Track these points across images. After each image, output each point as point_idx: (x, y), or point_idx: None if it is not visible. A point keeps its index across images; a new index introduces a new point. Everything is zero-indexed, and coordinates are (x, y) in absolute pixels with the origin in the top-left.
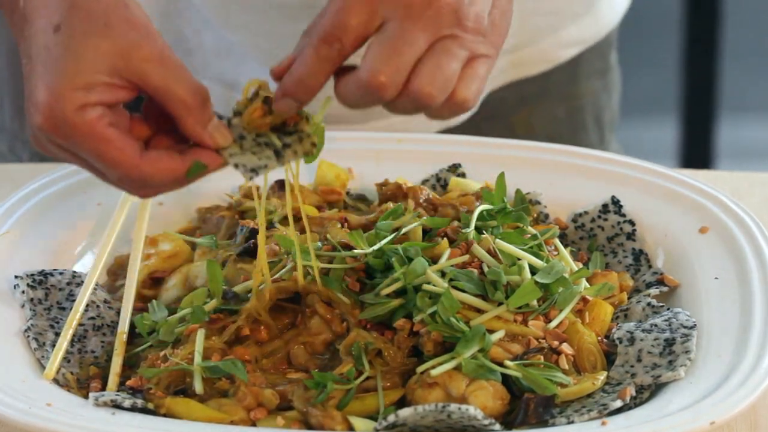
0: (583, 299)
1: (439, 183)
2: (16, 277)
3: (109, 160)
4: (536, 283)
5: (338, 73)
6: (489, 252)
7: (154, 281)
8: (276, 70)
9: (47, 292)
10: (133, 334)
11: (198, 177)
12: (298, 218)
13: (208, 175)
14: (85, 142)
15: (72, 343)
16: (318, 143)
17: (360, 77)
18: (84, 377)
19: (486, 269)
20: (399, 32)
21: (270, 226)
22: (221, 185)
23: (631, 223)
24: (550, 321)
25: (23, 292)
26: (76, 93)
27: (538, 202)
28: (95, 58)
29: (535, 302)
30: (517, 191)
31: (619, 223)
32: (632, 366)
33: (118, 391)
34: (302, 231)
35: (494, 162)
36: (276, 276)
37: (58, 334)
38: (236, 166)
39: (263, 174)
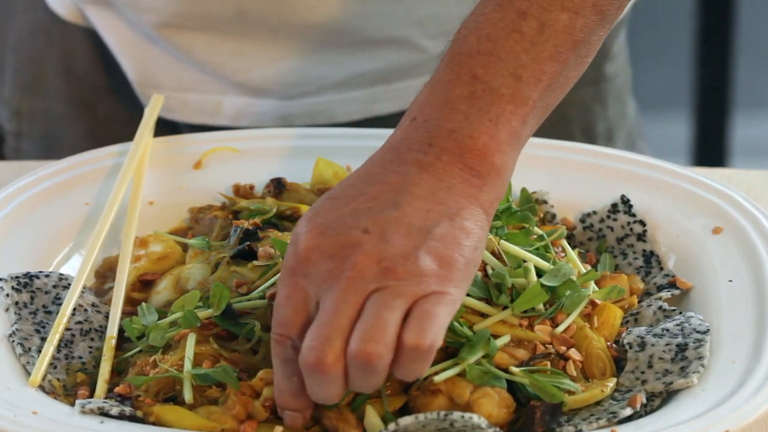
0: (592, 303)
1: None
2: None
3: None
4: (543, 286)
5: None
6: (493, 253)
7: (144, 284)
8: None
9: (33, 295)
10: (122, 339)
11: None
12: (294, 218)
13: None
14: None
15: (58, 348)
16: None
17: (300, 360)
18: (71, 384)
19: (490, 271)
20: (328, 304)
21: (266, 226)
22: (214, 184)
23: (642, 223)
24: (557, 325)
25: (7, 295)
26: None
27: (545, 202)
28: None
29: (541, 306)
30: (523, 190)
31: (629, 223)
32: (643, 372)
33: (106, 398)
34: None
35: None
36: (272, 280)
37: (44, 339)
38: None
39: None
